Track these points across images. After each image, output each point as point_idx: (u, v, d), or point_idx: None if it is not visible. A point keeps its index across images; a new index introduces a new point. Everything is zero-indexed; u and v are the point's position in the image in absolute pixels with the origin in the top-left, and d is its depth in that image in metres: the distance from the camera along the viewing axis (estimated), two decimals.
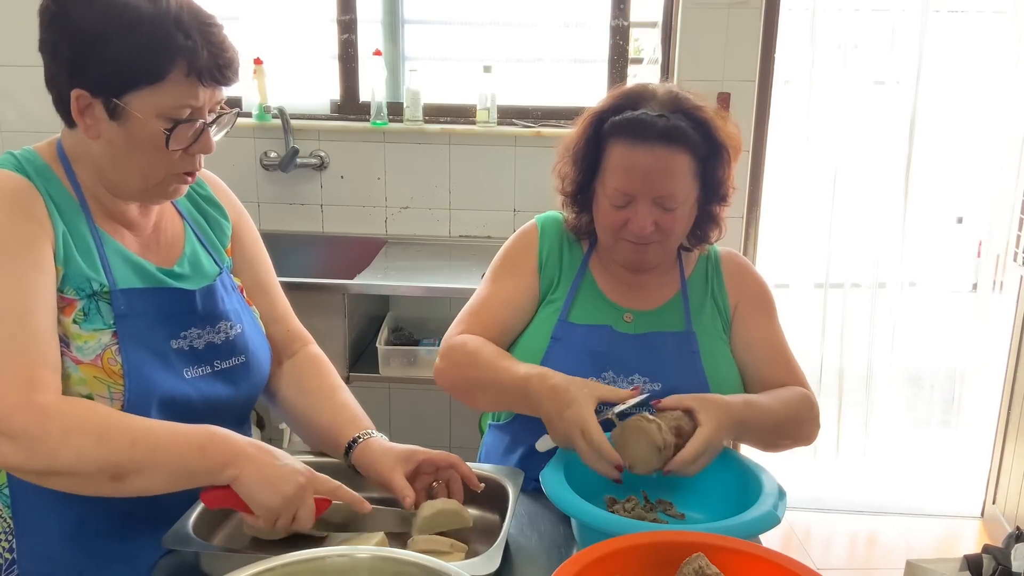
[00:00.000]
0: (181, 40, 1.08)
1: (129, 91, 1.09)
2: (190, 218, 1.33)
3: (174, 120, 1.11)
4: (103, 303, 1.16)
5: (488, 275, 1.58)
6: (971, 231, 3.30)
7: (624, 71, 2.96)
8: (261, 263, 1.43)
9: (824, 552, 2.97)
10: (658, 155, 1.38)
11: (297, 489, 1.09)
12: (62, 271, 1.13)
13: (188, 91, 1.11)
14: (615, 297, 1.53)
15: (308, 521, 1.11)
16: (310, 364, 1.43)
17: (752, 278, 1.59)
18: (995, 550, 1.38)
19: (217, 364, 1.27)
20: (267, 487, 1.08)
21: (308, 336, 1.47)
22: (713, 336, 1.51)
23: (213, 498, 1.11)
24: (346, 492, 1.15)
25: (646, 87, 1.45)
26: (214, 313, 1.27)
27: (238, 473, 1.08)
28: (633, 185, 1.39)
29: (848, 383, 3.30)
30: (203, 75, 1.10)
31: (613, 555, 1.00)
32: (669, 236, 1.44)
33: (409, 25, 3.06)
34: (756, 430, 1.40)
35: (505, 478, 1.28)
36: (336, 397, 1.38)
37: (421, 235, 3.02)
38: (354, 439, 1.28)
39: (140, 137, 1.12)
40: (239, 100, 2.92)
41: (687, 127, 1.38)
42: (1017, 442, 2.92)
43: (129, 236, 1.23)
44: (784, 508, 1.22)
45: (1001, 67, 3.06)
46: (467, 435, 2.97)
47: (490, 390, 1.44)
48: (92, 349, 1.13)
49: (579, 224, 1.54)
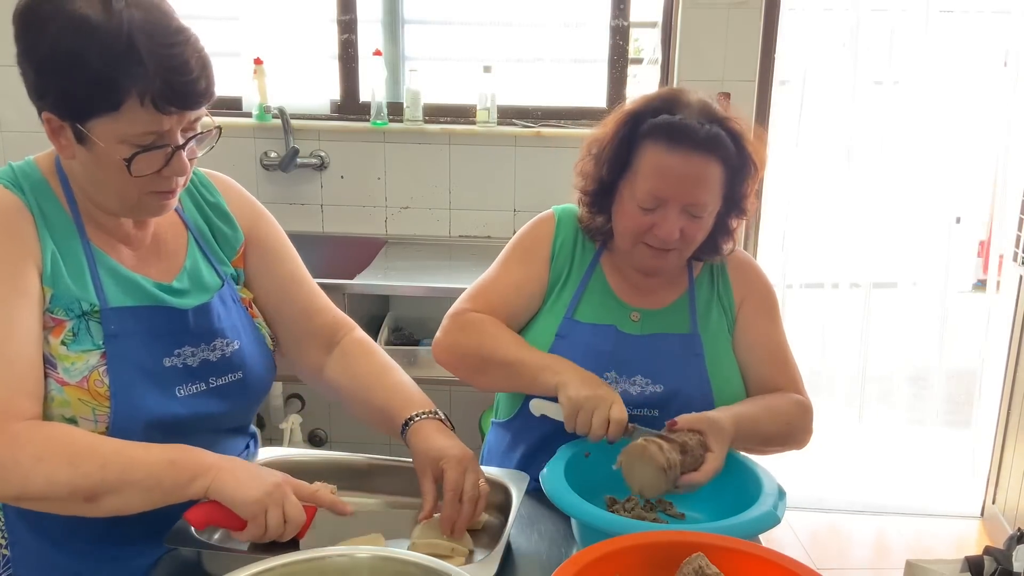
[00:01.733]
0: (133, 68, 1.01)
1: (89, 118, 1.05)
2: (195, 228, 1.30)
3: (137, 147, 1.07)
4: (93, 323, 1.14)
5: (500, 259, 1.57)
6: (971, 231, 3.30)
7: (624, 71, 2.96)
8: (289, 259, 1.40)
9: (824, 552, 2.97)
10: (695, 162, 1.37)
11: (274, 486, 1.08)
12: (50, 292, 1.12)
13: (148, 119, 1.05)
14: (623, 295, 1.52)
15: (298, 520, 1.09)
16: (357, 349, 1.40)
17: (757, 277, 1.58)
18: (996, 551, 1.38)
19: (212, 381, 1.24)
20: (245, 483, 1.07)
21: (351, 322, 1.45)
22: (719, 338, 1.51)
23: (197, 517, 1.09)
24: (325, 495, 1.13)
25: (681, 92, 1.43)
26: (209, 330, 1.24)
27: (210, 482, 1.07)
28: (667, 190, 1.37)
29: (848, 383, 3.30)
30: (159, 103, 1.04)
31: (613, 555, 1.00)
32: (690, 244, 1.43)
33: (409, 25, 3.06)
34: (746, 442, 1.40)
35: (509, 481, 1.28)
36: (387, 377, 1.36)
37: (421, 235, 3.02)
38: (406, 421, 1.26)
39: (106, 163, 1.08)
40: (239, 100, 2.92)
41: (725, 137, 1.38)
42: (1017, 442, 2.92)
43: (126, 251, 1.21)
44: (784, 508, 1.22)
45: (1001, 67, 3.06)
46: (467, 435, 2.95)
47: (499, 363, 1.42)
48: (79, 371, 1.12)
49: (594, 225, 1.52)
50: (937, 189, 3.18)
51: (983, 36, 3.03)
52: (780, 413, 1.45)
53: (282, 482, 1.10)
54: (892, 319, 3.25)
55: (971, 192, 3.24)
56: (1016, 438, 2.93)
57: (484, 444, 1.67)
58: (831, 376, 3.30)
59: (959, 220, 3.26)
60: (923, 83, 3.02)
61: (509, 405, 1.57)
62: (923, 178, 3.13)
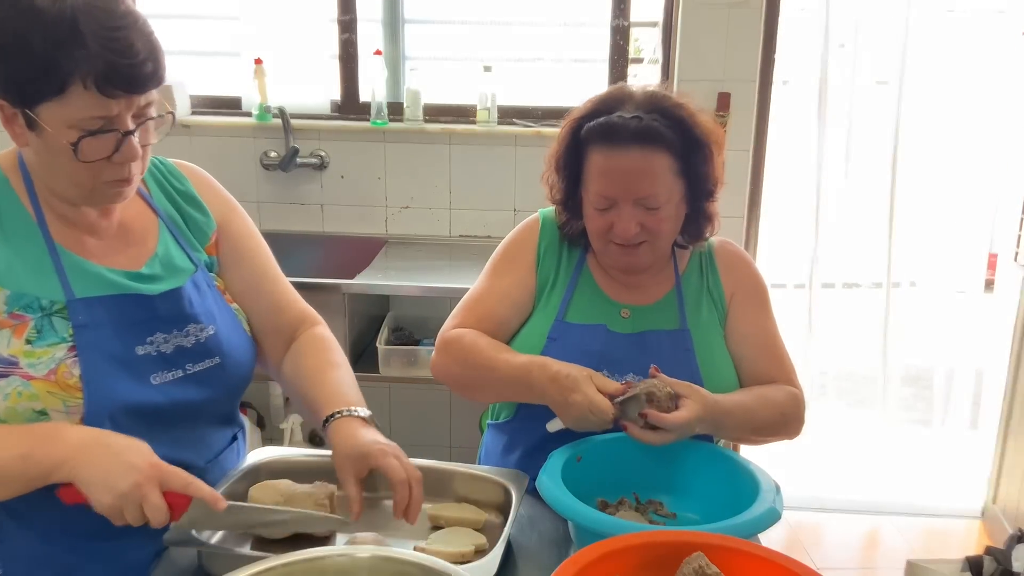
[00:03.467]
0: (75, 51, 1.02)
1: (37, 103, 1.05)
2: (165, 214, 1.30)
3: (84, 131, 1.07)
4: (57, 318, 1.13)
5: (487, 268, 1.59)
6: (971, 231, 3.30)
7: (624, 71, 2.96)
8: (259, 254, 1.39)
9: (824, 552, 2.97)
10: (633, 157, 1.38)
11: (132, 486, 1.02)
12: (5, 292, 1.11)
13: (94, 103, 1.05)
14: (612, 293, 1.53)
15: (159, 518, 1.04)
16: (310, 344, 1.40)
17: (747, 268, 1.59)
18: (996, 551, 1.39)
19: (189, 368, 1.24)
20: (100, 484, 1.03)
21: (316, 317, 1.44)
22: (709, 332, 1.51)
23: (67, 495, 1.06)
24: (199, 487, 1.06)
25: (623, 89, 1.46)
26: (180, 316, 1.24)
27: (69, 472, 1.03)
28: (612, 189, 1.40)
29: (849, 383, 3.31)
30: (102, 86, 1.04)
31: (613, 555, 1.00)
32: (658, 236, 1.44)
33: (409, 25, 3.06)
34: (734, 428, 1.42)
35: (509, 481, 1.28)
36: (326, 374, 1.33)
37: (421, 235, 3.02)
38: (328, 418, 1.23)
39: (56, 149, 1.08)
40: (239, 100, 2.92)
41: (662, 126, 1.38)
42: (1017, 442, 2.92)
43: (91, 241, 1.20)
44: (782, 503, 1.22)
45: (1001, 67, 3.06)
46: (467, 435, 2.97)
47: (490, 382, 1.45)
48: (45, 364, 1.11)
49: (572, 230, 1.54)
50: (938, 189, 3.18)
51: (984, 36, 3.03)
52: (773, 403, 1.46)
53: (143, 480, 1.03)
54: (894, 319, 3.24)
55: (973, 192, 3.24)
56: (1017, 438, 2.93)
57: (481, 445, 1.67)
58: (832, 375, 3.30)
59: (962, 221, 3.26)
60: (924, 83, 3.02)
61: (505, 407, 1.57)
62: (924, 178, 3.12)
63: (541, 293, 1.54)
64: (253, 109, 2.89)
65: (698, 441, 1.39)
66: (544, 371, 1.36)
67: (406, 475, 1.15)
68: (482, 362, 1.44)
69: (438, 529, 1.23)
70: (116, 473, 1.03)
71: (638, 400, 1.30)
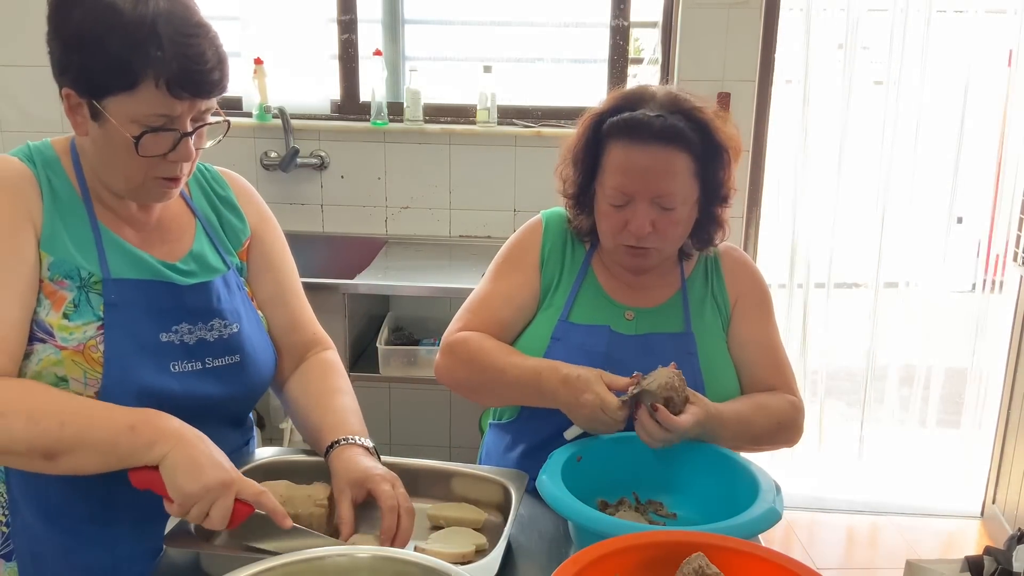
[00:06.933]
0: (152, 51, 1.08)
1: (105, 96, 1.11)
2: (203, 217, 1.34)
3: (146, 127, 1.12)
4: (93, 294, 1.17)
5: (490, 270, 1.58)
6: (971, 231, 3.30)
7: (624, 71, 2.96)
8: (285, 268, 1.42)
9: (824, 552, 2.97)
10: (655, 154, 1.38)
11: (220, 483, 1.05)
12: (49, 258, 1.15)
13: (161, 102, 1.11)
14: (616, 295, 1.53)
15: (220, 522, 1.06)
16: (317, 367, 1.42)
17: (752, 275, 1.59)
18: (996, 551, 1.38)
19: (208, 361, 1.26)
20: (190, 472, 1.05)
21: (329, 342, 1.47)
22: (713, 336, 1.51)
23: (139, 478, 1.08)
24: (269, 500, 1.09)
25: (646, 88, 1.46)
26: (207, 309, 1.26)
27: (167, 451, 1.06)
28: (631, 184, 1.40)
29: (848, 383, 3.31)
30: (172, 87, 1.10)
31: (613, 555, 1.00)
32: (666, 239, 1.44)
33: (409, 25, 3.06)
34: (731, 439, 1.40)
35: (509, 481, 1.28)
36: (332, 399, 1.36)
37: (421, 235, 3.02)
38: (332, 444, 1.25)
39: (116, 141, 1.13)
40: (239, 100, 2.92)
41: (685, 127, 1.39)
42: (1017, 442, 2.92)
43: (130, 231, 1.25)
44: (783, 503, 1.22)
45: (1001, 67, 3.06)
46: (467, 435, 2.97)
47: (498, 386, 1.45)
48: (76, 339, 1.15)
49: (581, 226, 1.54)
50: (937, 189, 3.17)
51: (983, 36, 3.03)
52: (771, 412, 1.46)
53: (229, 482, 1.06)
54: (893, 319, 3.24)
55: (972, 192, 3.24)
56: (1016, 438, 2.93)
57: (482, 445, 1.67)
58: (832, 376, 3.30)
59: (960, 220, 3.26)
60: (923, 83, 3.02)
61: (508, 407, 1.57)
62: (923, 178, 3.12)
63: (545, 294, 1.54)
64: (253, 109, 2.89)
65: (698, 442, 1.38)
66: (555, 373, 1.36)
67: (396, 503, 1.14)
68: (490, 365, 1.44)
69: (438, 529, 1.23)
70: (207, 466, 1.06)
71: (653, 395, 1.30)
